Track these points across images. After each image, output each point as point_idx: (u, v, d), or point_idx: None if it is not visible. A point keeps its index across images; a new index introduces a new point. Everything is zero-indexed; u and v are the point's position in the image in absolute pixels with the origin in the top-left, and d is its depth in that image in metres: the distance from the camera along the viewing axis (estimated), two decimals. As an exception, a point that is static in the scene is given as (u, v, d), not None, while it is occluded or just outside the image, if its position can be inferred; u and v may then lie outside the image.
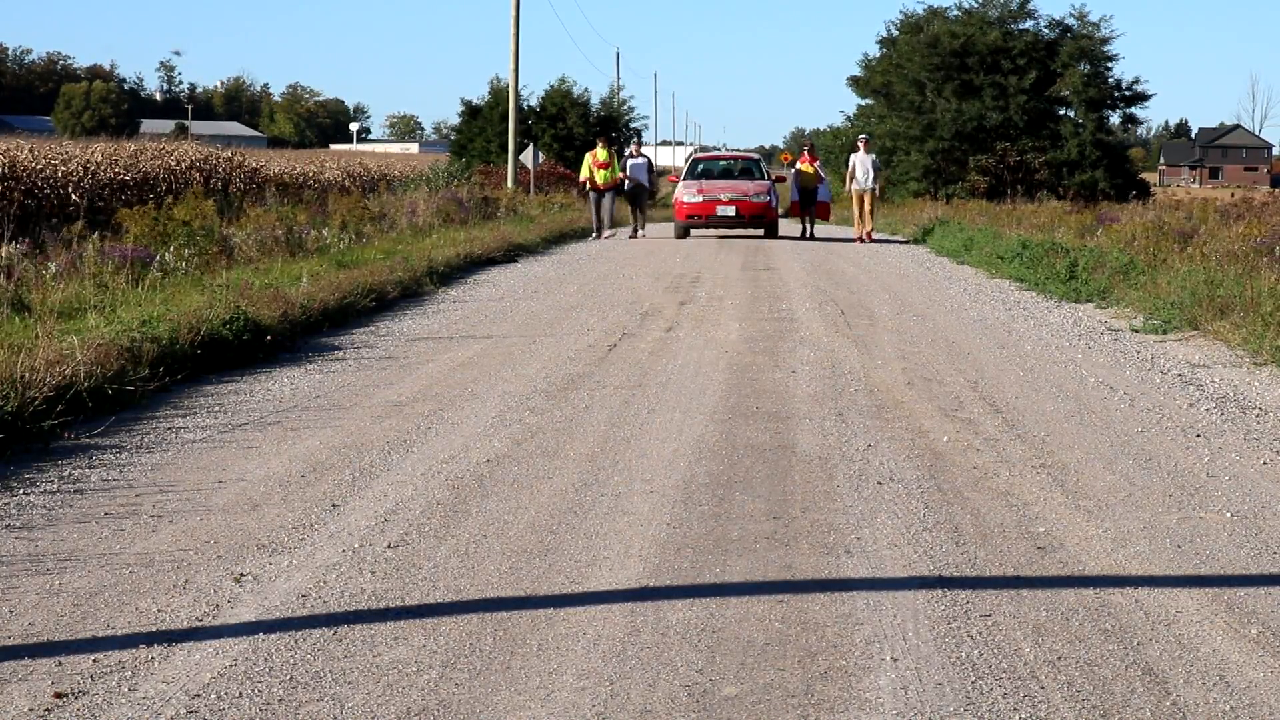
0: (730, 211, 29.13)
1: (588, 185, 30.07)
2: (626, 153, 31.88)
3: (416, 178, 40.00)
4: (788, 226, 31.97)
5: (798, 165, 30.76)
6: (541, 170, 43.73)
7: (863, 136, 31.51)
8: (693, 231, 30.55)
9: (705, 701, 4.37)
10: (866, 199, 28.79)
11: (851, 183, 29.03)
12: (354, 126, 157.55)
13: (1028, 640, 4.89)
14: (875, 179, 29.01)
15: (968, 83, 51.48)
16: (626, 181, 30.46)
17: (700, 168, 32.32)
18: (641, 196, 30.72)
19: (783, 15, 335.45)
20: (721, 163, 33.08)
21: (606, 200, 29.96)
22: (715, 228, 30.22)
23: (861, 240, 28.43)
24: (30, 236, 17.10)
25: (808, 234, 30.72)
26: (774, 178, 32.34)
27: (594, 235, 29.92)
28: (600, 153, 29.77)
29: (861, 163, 28.90)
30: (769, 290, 17.41)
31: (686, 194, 29.77)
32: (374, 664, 4.67)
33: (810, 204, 30.47)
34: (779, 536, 6.16)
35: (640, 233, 30.34)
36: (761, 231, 30.13)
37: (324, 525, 6.36)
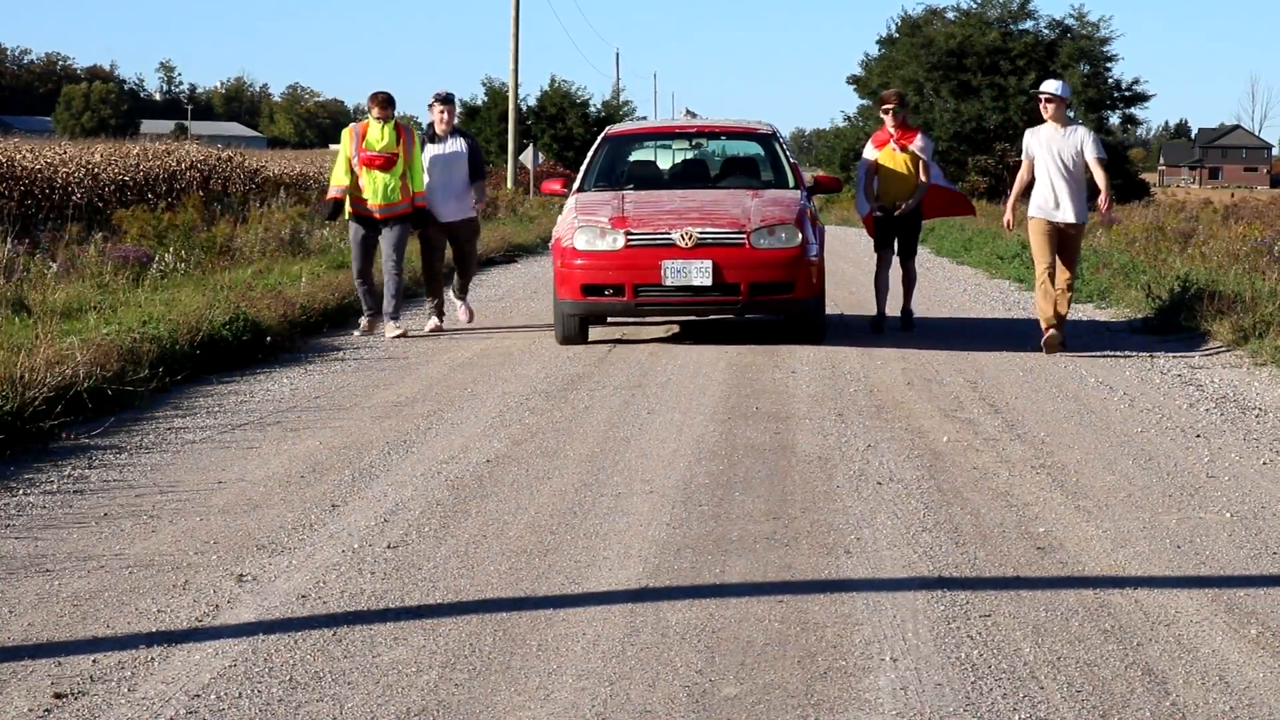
0: (699, 274, 11.57)
1: (344, 208, 13.02)
2: (426, 127, 13.87)
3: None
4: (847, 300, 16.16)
5: (869, 152, 13.49)
6: (541, 170, 43.89)
7: (1052, 86, 11.70)
8: (609, 320, 12.82)
9: (705, 702, 4.37)
10: (1070, 239, 11.65)
11: (1032, 193, 11.64)
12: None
13: (1028, 640, 4.89)
14: (1093, 197, 11.90)
15: (965, 83, 51.53)
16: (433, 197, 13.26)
17: (628, 161, 13.99)
18: (465, 239, 13.77)
19: (783, 15, 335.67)
20: (675, 147, 16.04)
21: (390, 241, 12.98)
22: (661, 315, 12.33)
23: (1052, 343, 11.45)
24: (30, 237, 17.11)
25: (901, 311, 13.50)
26: (807, 183, 13.22)
27: (361, 325, 13.27)
28: (375, 131, 12.85)
29: (1048, 151, 11.52)
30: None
31: (584, 231, 11.87)
32: (374, 664, 4.67)
33: (904, 234, 13.39)
34: (779, 537, 6.16)
35: (464, 308, 13.87)
36: (779, 318, 12.48)
37: (324, 525, 6.36)
